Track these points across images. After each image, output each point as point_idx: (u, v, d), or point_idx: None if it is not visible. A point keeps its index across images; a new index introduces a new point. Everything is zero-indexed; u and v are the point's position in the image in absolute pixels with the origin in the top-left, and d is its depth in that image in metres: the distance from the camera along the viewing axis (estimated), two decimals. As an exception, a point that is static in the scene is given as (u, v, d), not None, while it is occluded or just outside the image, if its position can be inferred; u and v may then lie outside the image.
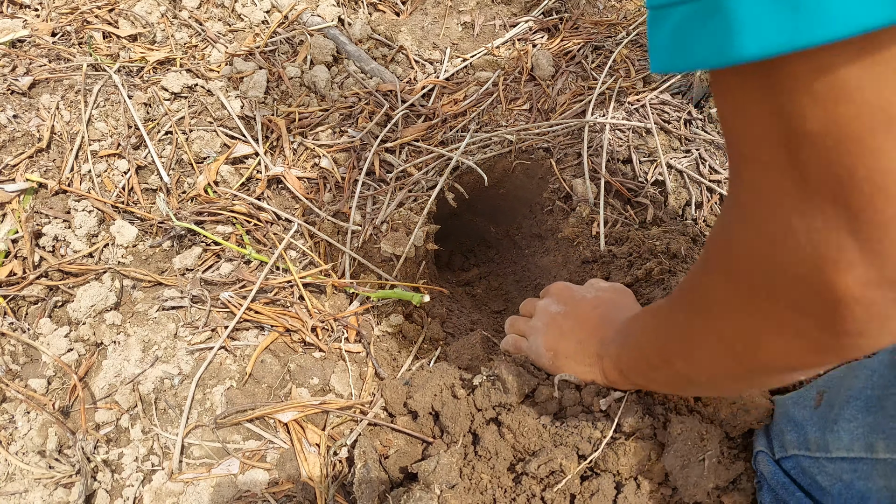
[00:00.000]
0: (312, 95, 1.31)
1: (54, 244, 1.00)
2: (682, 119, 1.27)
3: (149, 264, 1.01)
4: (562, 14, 1.54)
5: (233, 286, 0.97)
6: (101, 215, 1.04)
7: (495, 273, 1.37)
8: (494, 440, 0.77)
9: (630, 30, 1.47)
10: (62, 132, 1.12)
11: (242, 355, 0.88)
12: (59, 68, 1.19)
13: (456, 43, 1.53)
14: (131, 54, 1.26)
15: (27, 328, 0.92)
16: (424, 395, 0.81)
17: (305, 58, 1.35)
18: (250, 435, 0.82)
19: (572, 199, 1.20)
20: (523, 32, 1.52)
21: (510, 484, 0.75)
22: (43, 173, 1.06)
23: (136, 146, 1.13)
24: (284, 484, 0.78)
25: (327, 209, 1.10)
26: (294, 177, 1.13)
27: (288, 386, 0.86)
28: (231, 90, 1.24)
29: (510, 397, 0.79)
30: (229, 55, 1.31)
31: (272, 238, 1.04)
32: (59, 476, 0.79)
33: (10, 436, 0.84)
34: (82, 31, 1.28)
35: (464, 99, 1.38)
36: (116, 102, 1.17)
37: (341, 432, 0.83)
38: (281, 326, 0.92)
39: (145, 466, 0.80)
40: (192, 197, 1.08)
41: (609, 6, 1.58)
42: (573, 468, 0.73)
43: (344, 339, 0.94)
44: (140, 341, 0.90)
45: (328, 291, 0.98)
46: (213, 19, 1.39)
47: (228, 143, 1.16)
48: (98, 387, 0.86)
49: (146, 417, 0.83)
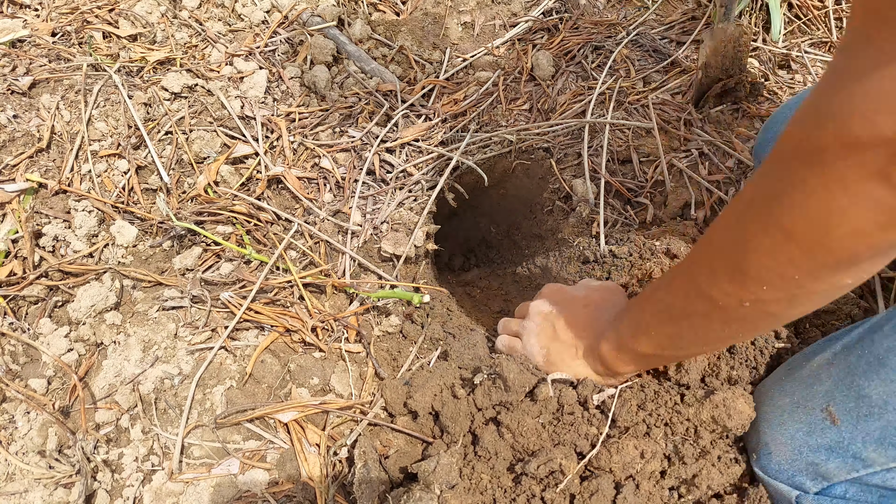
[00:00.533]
0: (312, 95, 1.31)
1: (54, 244, 1.00)
2: (682, 119, 1.27)
3: (149, 264, 1.01)
4: (562, 14, 1.54)
5: (233, 286, 0.97)
6: (101, 215, 1.04)
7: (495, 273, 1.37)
8: (494, 440, 0.77)
9: (630, 30, 1.47)
10: (62, 132, 1.12)
11: (242, 355, 0.88)
12: (59, 68, 1.19)
13: (456, 43, 1.53)
14: (131, 54, 1.26)
15: (27, 328, 0.92)
16: (424, 395, 0.81)
17: (305, 58, 1.35)
18: (250, 435, 0.82)
19: (572, 199, 1.20)
20: (523, 32, 1.53)
21: (510, 484, 0.76)
22: (43, 173, 1.06)
23: (136, 146, 1.13)
24: (284, 484, 0.78)
25: (327, 209, 1.11)
26: (294, 177, 1.13)
27: (288, 386, 0.86)
28: (231, 90, 1.24)
29: (511, 395, 0.79)
30: (229, 55, 1.31)
31: (272, 238, 1.04)
32: (59, 476, 0.79)
33: (10, 436, 0.84)
34: (82, 31, 1.28)
35: (464, 99, 1.38)
36: (116, 102, 1.17)
37: (341, 432, 0.83)
38: (281, 326, 0.92)
39: (145, 466, 0.80)
40: (192, 197, 1.08)
41: (609, 6, 1.58)
42: (573, 468, 0.73)
43: (344, 339, 0.94)
44: (140, 341, 0.90)
45: (328, 291, 0.98)
46: (213, 19, 1.39)
47: (228, 143, 1.16)
48: (98, 387, 0.86)
49: (146, 417, 0.83)
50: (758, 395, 0.77)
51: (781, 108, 1.07)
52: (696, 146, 1.22)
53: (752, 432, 0.75)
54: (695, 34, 1.44)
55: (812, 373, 0.71)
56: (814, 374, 0.71)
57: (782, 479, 0.70)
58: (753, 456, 0.74)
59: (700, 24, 1.46)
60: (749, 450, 0.76)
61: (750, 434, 0.76)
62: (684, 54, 1.40)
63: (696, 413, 0.76)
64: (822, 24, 1.44)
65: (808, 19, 1.45)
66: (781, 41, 1.41)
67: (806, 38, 1.42)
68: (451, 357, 0.91)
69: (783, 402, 0.72)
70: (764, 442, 0.72)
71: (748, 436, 0.76)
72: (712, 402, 0.77)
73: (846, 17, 1.46)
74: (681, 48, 1.41)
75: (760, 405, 0.75)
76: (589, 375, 0.79)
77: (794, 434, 0.69)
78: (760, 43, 1.38)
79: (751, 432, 0.75)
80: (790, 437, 0.70)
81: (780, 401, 0.73)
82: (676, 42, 1.44)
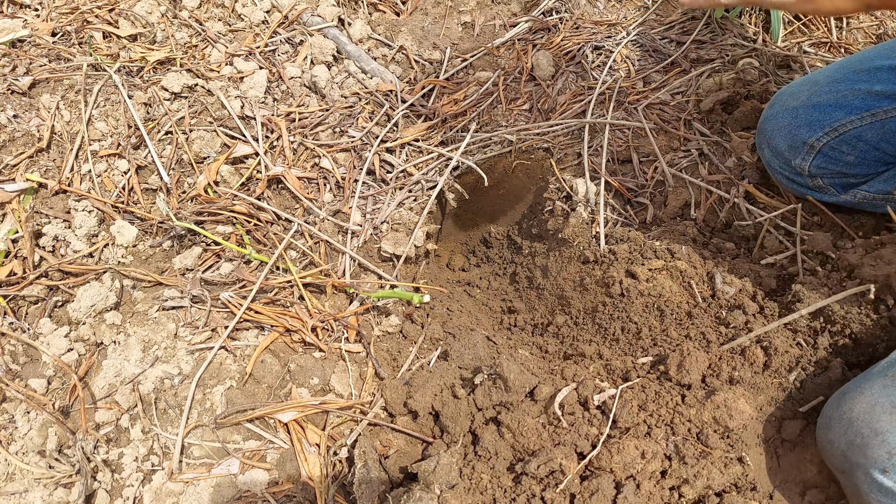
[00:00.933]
0: (312, 95, 1.31)
1: (54, 244, 1.00)
2: (681, 119, 1.27)
3: (149, 264, 1.01)
4: (562, 14, 1.54)
5: (233, 286, 0.97)
6: (101, 215, 1.04)
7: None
8: (494, 440, 0.77)
9: (630, 30, 1.47)
10: (62, 132, 1.12)
11: (242, 355, 0.88)
12: (59, 68, 1.19)
13: (456, 43, 1.53)
14: (131, 54, 1.26)
15: (27, 328, 0.92)
16: (424, 395, 0.81)
17: (305, 58, 1.35)
18: (250, 435, 0.82)
19: (572, 199, 1.20)
20: (523, 32, 1.53)
21: (510, 484, 0.76)
22: (43, 173, 1.06)
23: (136, 146, 1.13)
24: (284, 484, 0.78)
25: (327, 209, 1.11)
26: (294, 177, 1.13)
27: (288, 386, 0.86)
28: (231, 90, 1.24)
29: (511, 395, 0.79)
30: (229, 55, 1.31)
31: (272, 238, 1.04)
32: (59, 476, 0.79)
33: (10, 436, 0.84)
34: (82, 31, 1.28)
35: (464, 99, 1.38)
36: (116, 102, 1.17)
37: (341, 432, 0.83)
38: (281, 326, 0.92)
39: (145, 466, 0.80)
40: (192, 197, 1.08)
41: (609, 6, 1.58)
42: (573, 468, 0.73)
43: (344, 339, 0.94)
44: (140, 341, 0.90)
45: (328, 291, 0.98)
46: (214, 19, 1.39)
47: (228, 143, 1.16)
48: (98, 387, 0.86)
49: (146, 417, 0.83)
50: (864, 408, 0.74)
51: (790, 84, 1.07)
52: (695, 146, 1.22)
53: (875, 447, 0.71)
54: (695, 34, 1.44)
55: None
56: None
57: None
58: (885, 472, 0.69)
59: (700, 24, 1.46)
60: (866, 466, 0.71)
61: (867, 450, 0.71)
62: (684, 54, 1.40)
63: (698, 413, 0.76)
64: (822, 24, 1.44)
65: (809, 19, 1.45)
66: (781, 41, 1.41)
67: (806, 39, 1.42)
68: (451, 357, 0.91)
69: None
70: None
71: (862, 452, 0.72)
72: (713, 403, 0.77)
73: (846, 17, 1.46)
74: (681, 48, 1.41)
75: (877, 417, 0.71)
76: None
77: (872, 419, 0.69)
78: (760, 43, 1.38)
79: (870, 447, 0.71)
80: (868, 422, 0.69)
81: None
82: (676, 42, 1.44)
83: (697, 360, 0.80)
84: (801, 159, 1.01)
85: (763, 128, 1.07)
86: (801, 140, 1.00)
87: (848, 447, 0.73)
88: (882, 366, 0.77)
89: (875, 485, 0.69)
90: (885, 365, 0.77)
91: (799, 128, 1.00)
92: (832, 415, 0.76)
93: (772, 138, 1.04)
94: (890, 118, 0.93)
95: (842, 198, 1.02)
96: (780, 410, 0.84)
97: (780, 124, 1.03)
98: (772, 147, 1.05)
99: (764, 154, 1.08)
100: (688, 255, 0.99)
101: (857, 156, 0.97)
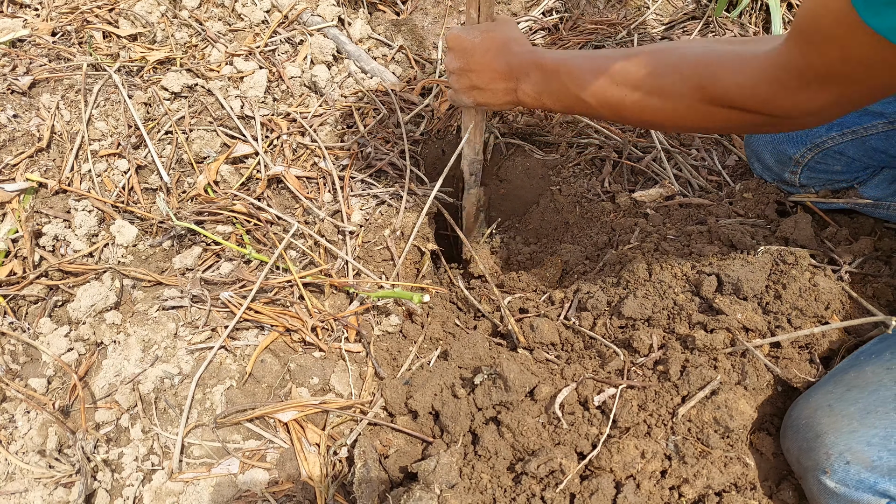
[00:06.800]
0: (312, 95, 1.31)
1: (54, 244, 1.00)
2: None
3: (149, 264, 1.01)
4: (562, 14, 1.54)
5: (233, 286, 0.97)
6: (101, 215, 1.04)
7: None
8: (494, 440, 0.77)
9: (630, 30, 1.47)
10: (62, 132, 1.12)
11: (242, 355, 0.88)
12: (59, 68, 1.19)
13: (456, 43, 1.53)
14: (131, 54, 1.26)
15: (27, 328, 0.92)
16: (424, 394, 0.81)
17: (305, 57, 1.35)
18: (250, 435, 0.82)
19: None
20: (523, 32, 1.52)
21: (510, 483, 0.76)
22: (43, 173, 1.06)
23: (136, 146, 1.13)
24: (284, 483, 0.78)
25: (327, 209, 1.10)
26: (294, 177, 1.13)
27: (288, 385, 0.86)
28: (231, 90, 1.24)
29: (511, 395, 0.79)
30: (229, 55, 1.31)
31: (272, 238, 1.04)
32: (59, 476, 0.79)
33: (10, 435, 0.84)
34: (82, 30, 1.28)
35: (464, 99, 1.38)
36: (116, 102, 1.17)
37: (341, 432, 0.83)
38: (281, 326, 0.92)
39: (145, 466, 0.80)
40: (192, 197, 1.08)
41: (609, 6, 1.58)
42: (573, 468, 0.73)
43: (344, 339, 0.94)
44: (140, 341, 0.90)
45: (328, 291, 0.98)
46: (213, 19, 1.39)
47: (228, 143, 1.16)
48: (98, 386, 0.86)
49: (146, 417, 0.83)
50: (808, 412, 0.75)
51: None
52: (695, 146, 1.22)
53: (816, 449, 0.72)
54: (695, 34, 1.44)
55: (872, 380, 0.72)
56: (874, 381, 0.71)
57: (864, 488, 0.67)
58: (826, 473, 0.70)
59: (700, 23, 1.46)
60: (813, 469, 0.71)
61: (811, 453, 0.72)
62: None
63: (698, 413, 0.76)
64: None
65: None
66: (781, 41, 1.41)
67: (806, 38, 1.42)
68: (451, 357, 0.91)
69: (849, 410, 0.71)
70: (837, 453, 0.70)
71: (808, 456, 0.73)
72: (714, 403, 0.77)
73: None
74: (681, 48, 1.41)
75: (817, 420, 0.73)
76: (512, 101, 0.94)
77: (871, 440, 0.68)
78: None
79: (813, 450, 0.72)
80: (866, 443, 0.68)
81: (845, 410, 0.71)
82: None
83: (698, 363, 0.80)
84: (790, 173, 1.04)
85: (749, 141, 1.09)
86: (786, 156, 1.02)
87: (799, 453, 0.74)
88: (829, 374, 0.80)
89: (822, 487, 0.69)
90: (831, 373, 0.80)
91: (782, 143, 1.02)
92: (787, 423, 0.78)
93: (760, 153, 1.06)
94: (870, 135, 0.93)
95: (839, 203, 1.03)
96: (780, 410, 0.84)
97: (765, 139, 1.05)
98: (761, 161, 1.07)
99: (755, 166, 1.10)
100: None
101: (843, 166, 1.00)
